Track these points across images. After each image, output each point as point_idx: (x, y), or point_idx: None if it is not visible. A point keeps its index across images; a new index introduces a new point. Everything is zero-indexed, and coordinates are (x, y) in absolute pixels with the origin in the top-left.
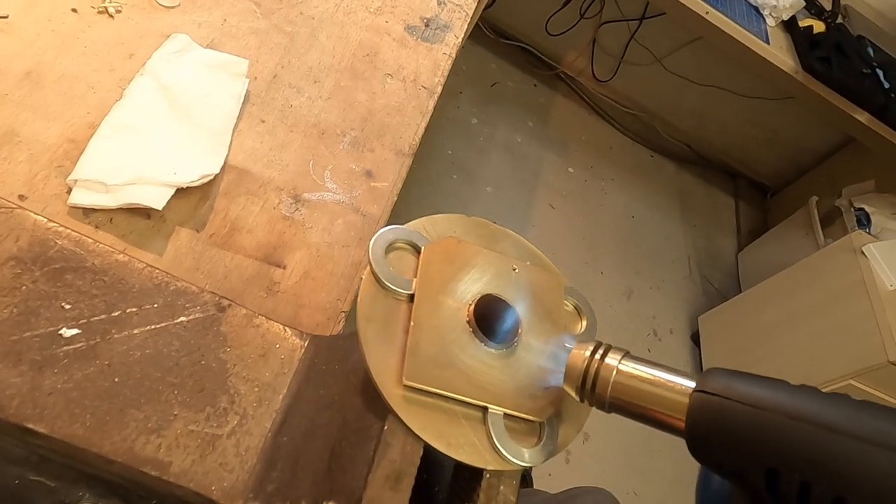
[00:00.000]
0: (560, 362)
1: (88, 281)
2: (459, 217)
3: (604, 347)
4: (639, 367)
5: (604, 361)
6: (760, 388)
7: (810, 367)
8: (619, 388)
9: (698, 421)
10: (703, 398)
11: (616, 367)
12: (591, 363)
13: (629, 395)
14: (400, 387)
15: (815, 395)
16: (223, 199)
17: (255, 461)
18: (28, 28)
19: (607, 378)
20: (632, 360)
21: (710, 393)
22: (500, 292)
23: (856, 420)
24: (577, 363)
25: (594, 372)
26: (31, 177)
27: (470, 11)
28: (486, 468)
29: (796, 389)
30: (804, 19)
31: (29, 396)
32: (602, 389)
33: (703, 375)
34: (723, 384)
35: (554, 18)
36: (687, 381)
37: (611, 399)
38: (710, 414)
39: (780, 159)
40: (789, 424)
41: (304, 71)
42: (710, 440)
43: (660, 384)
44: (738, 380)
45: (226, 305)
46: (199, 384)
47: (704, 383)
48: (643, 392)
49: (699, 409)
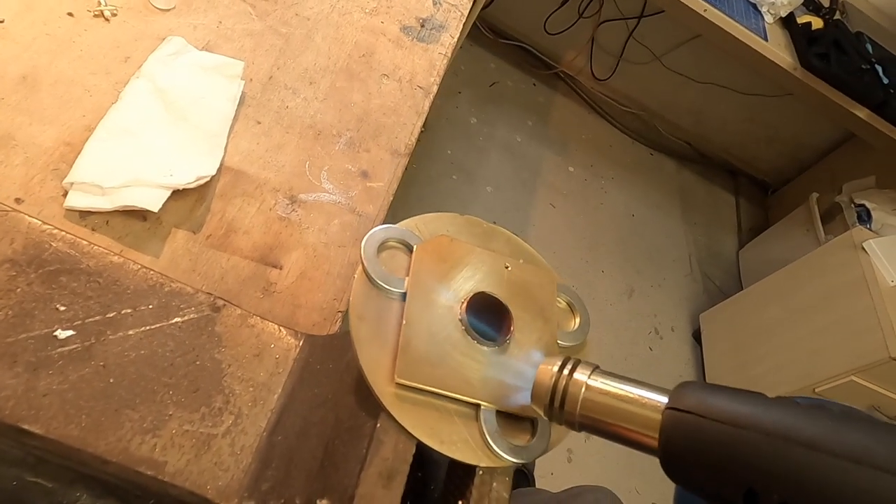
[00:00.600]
0: (528, 380)
1: (83, 283)
2: (452, 216)
3: (572, 362)
4: (609, 383)
5: (572, 377)
6: (735, 404)
7: (812, 363)
8: (588, 405)
9: (671, 439)
10: (675, 416)
11: (585, 383)
12: (560, 379)
13: (599, 412)
14: (392, 385)
15: (792, 410)
16: (219, 200)
17: (249, 460)
18: (24, 32)
19: (576, 395)
20: (601, 375)
21: (684, 410)
22: (493, 290)
23: (834, 435)
24: (544, 379)
25: (563, 388)
26: (27, 180)
27: (465, 11)
28: (479, 465)
29: (773, 403)
30: (802, 16)
31: (24, 398)
32: (571, 407)
33: (675, 391)
34: (696, 400)
35: (552, 17)
36: (660, 397)
37: (580, 417)
38: (684, 433)
39: (780, 156)
40: (766, 442)
41: (299, 72)
42: (685, 459)
43: (631, 400)
44: (712, 395)
45: (220, 306)
46: (193, 384)
47: (677, 399)
48: (614, 409)
49: (672, 428)
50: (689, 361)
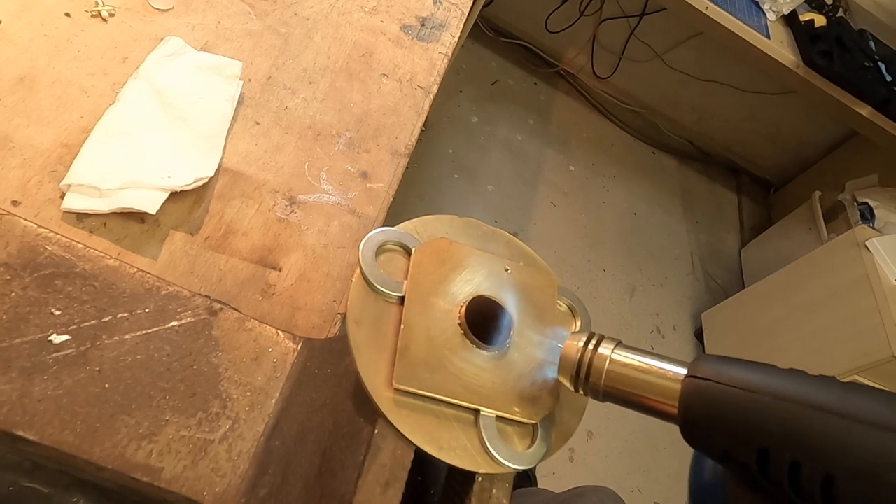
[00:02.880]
0: (555, 354)
1: (79, 286)
2: (451, 218)
3: (597, 338)
4: (631, 356)
5: (597, 351)
6: (750, 372)
7: (814, 362)
8: (612, 376)
9: (690, 405)
10: (694, 383)
11: (609, 357)
12: (585, 353)
13: (622, 383)
14: (390, 390)
15: (802, 377)
16: (218, 202)
17: (247, 466)
18: (21, 33)
19: (601, 367)
20: (624, 350)
21: (702, 378)
22: (493, 293)
23: (843, 399)
24: (570, 353)
25: (588, 362)
26: (24, 182)
27: (466, 10)
28: (479, 471)
29: (785, 372)
30: (805, 13)
31: (18, 403)
32: (596, 379)
33: (694, 362)
34: (713, 369)
35: (554, 16)
36: (679, 368)
37: (605, 388)
38: (702, 398)
39: (782, 154)
40: (778, 405)
41: (298, 72)
42: (703, 424)
43: (652, 372)
44: (728, 365)
45: (217, 309)
46: (190, 389)
47: (696, 369)
48: (636, 380)
49: (691, 394)
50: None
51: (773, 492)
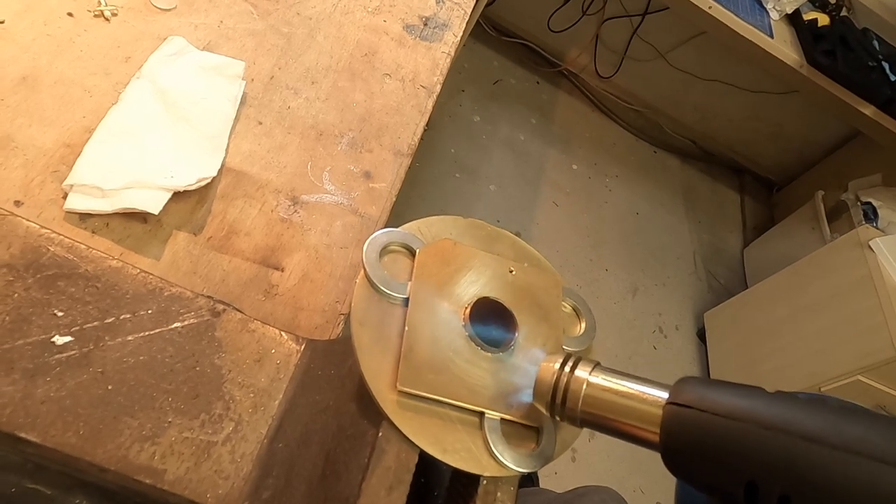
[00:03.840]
0: (531, 377)
1: (81, 287)
2: (455, 218)
3: (573, 359)
4: (610, 379)
5: (574, 374)
6: (735, 398)
7: (817, 362)
8: (590, 401)
9: (672, 433)
10: (676, 411)
11: (587, 380)
12: (561, 376)
13: (601, 408)
14: (394, 392)
15: (791, 403)
16: (220, 202)
17: (250, 468)
18: (24, 33)
19: (578, 391)
20: (602, 372)
21: (683, 405)
22: (497, 295)
23: (833, 428)
24: (546, 377)
25: (564, 385)
26: (26, 182)
27: (469, 9)
28: (483, 474)
29: (772, 397)
30: (808, 12)
31: (21, 405)
32: (573, 403)
33: (675, 386)
34: (696, 395)
35: (556, 15)
36: (660, 392)
37: (582, 413)
38: (684, 426)
39: (785, 154)
40: (765, 435)
41: (301, 72)
42: (685, 453)
43: (632, 396)
44: (712, 389)
45: (220, 310)
46: (193, 390)
47: (677, 394)
48: (615, 405)
49: (672, 422)
50: (694, 360)
51: None
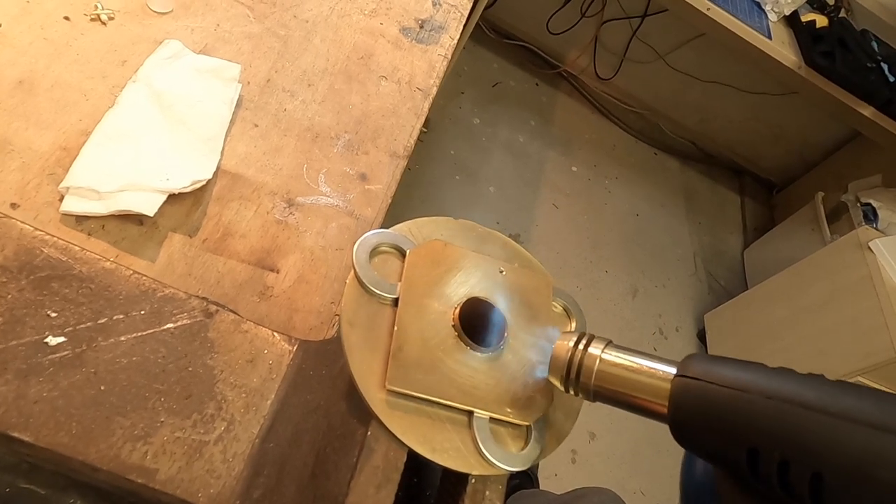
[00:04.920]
0: (546, 354)
1: (75, 289)
2: (446, 219)
3: (587, 337)
4: (621, 356)
5: (587, 351)
6: (739, 371)
7: (818, 363)
8: (602, 376)
9: (680, 405)
10: (684, 382)
11: (599, 356)
12: (575, 353)
13: (613, 382)
14: (383, 391)
15: (791, 376)
16: (216, 204)
17: (242, 467)
18: (21, 36)
19: (591, 367)
20: (614, 349)
21: (691, 377)
22: (487, 295)
23: (830, 397)
24: (561, 353)
25: (578, 361)
26: (23, 185)
27: (466, 12)
28: (472, 473)
29: (774, 371)
30: (806, 14)
31: (14, 405)
32: (586, 378)
33: (683, 361)
34: (703, 368)
35: (555, 17)
36: (669, 368)
37: (595, 387)
38: (692, 397)
39: (785, 155)
40: (767, 404)
41: (297, 74)
42: (692, 423)
43: (642, 371)
44: (718, 364)
45: (213, 311)
46: (186, 391)
47: (685, 368)
48: (626, 379)
49: (681, 394)
50: None
51: (764, 491)
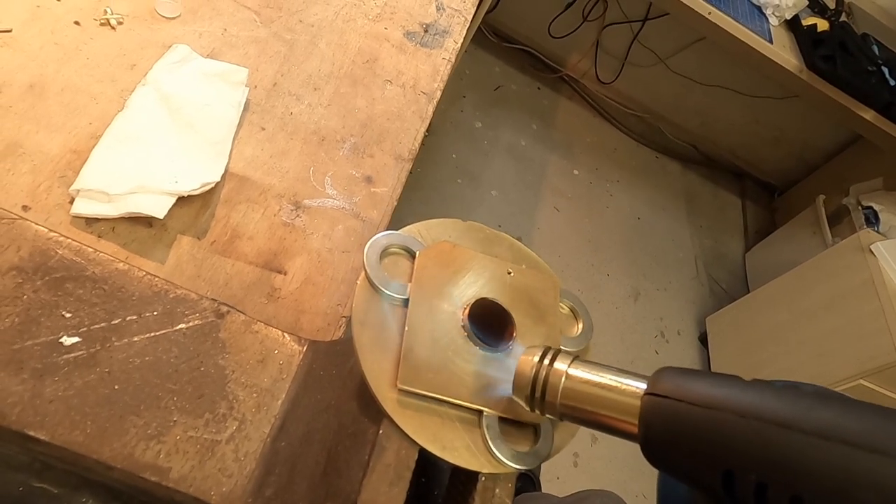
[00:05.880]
0: (509, 371)
1: (89, 289)
2: (454, 221)
3: (552, 352)
4: (588, 371)
5: (553, 367)
6: (711, 387)
7: (819, 367)
8: (568, 393)
9: (650, 424)
10: (653, 401)
11: (565, 372)
12: (540, 369)
13: (580, 400)
14: (394, 391)
15: (766, 391)
16: (224, 206)
17: (253, 466)
18: (31, 41)
19: (556, 384)
20: (581, 364)
21: (661, 395)
22: (495, 296)
23: (807, 414)
24: (525, 370)
25: (543, 378)
26: (34, 187)
27: (469, 16)
28: (482, 471)
29: (748, 386)
30: (807, 18)
31: (30, 404)
32: (552, 397)
33: (653, 377)
34: (673, 385)
35: (557, 21)
36: (638, 383)
37: (561, 407)
38: (662, 417)
39: (786, 158)
40: (741, 423)
41: (303, 78)
42: (664, 444)
43: (611, 388)
44: (689, 379)
45: (224, 312)
46: (198, 390)
47: (655, 385)
48: (594, 396)
49: (650, 413)
50: (696, 365)
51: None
